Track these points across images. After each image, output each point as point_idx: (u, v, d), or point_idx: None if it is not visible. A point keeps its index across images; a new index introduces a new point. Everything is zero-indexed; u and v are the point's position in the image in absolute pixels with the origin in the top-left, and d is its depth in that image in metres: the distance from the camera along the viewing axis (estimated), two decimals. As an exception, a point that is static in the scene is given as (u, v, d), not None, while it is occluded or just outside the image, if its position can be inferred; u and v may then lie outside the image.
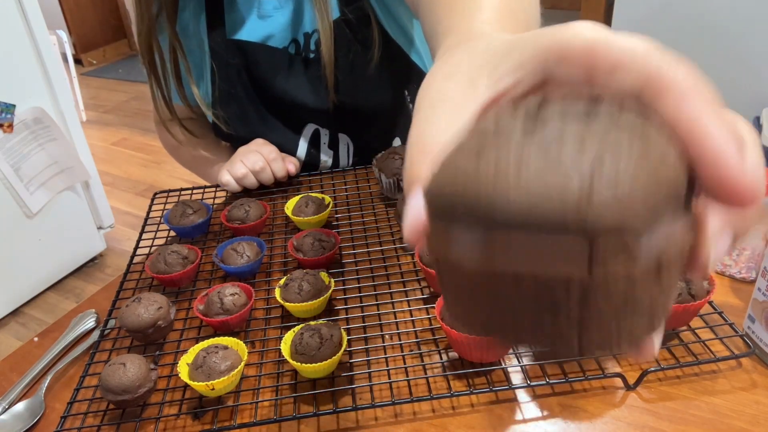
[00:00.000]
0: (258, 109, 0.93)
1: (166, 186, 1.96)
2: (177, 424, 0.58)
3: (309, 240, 0.74)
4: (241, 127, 0.93)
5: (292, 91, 0.89)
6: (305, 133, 0.95)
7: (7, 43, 1.79)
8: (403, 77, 0.93)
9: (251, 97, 0.91)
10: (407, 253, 0.77)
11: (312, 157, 0.97)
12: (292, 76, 0.89)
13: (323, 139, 0.96)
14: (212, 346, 0.59)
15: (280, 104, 0.92)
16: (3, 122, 1.79)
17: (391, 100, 0.93)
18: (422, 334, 0.64)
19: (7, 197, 1.85)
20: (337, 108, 0.90)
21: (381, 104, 0.92)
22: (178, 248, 0.74)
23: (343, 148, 0.98)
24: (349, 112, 0.91)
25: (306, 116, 0.93)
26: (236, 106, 0.92)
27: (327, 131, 0.95)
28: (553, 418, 0.55)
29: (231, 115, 0.92)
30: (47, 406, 0.63)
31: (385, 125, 0.96)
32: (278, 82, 0.89)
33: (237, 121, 0.93)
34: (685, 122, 0.21)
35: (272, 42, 0.89)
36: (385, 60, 0.88)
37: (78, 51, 4.21)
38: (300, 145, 0.96)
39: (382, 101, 0.92)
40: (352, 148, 0.98)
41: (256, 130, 0.94)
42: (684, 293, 0.58)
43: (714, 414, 0.54)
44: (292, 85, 0.89)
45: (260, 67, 0.89)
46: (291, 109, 0.92)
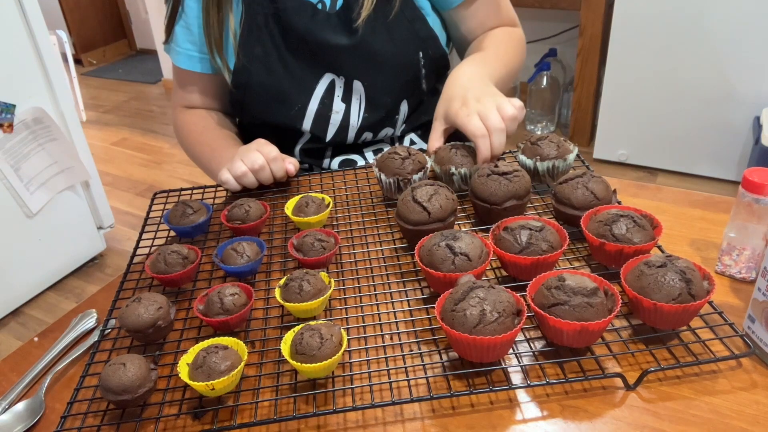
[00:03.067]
0: (281, 53, 0.97)
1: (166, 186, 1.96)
2: (177, 424, 0.58)
3: (309, 240, 0.74)
4: (263, 71, 0.97)
5: (314, 30, 0.95)
6: (322, 82, 0.99)
7: (7, 43, 1.79)
8: (420, 40, 0.98)
9: (276, 41, 0.96)
10: (407, 253, 0.77)
11: (325, 107, 1.00)
12: (316, 21, 0.95)
13: (337, 92, 1.00)
14: (212, 346, 0.59)
15: (302, 48, 0.96)
16: (3, 122, 1.79)
17: (405, 54, 0.98)
18: (422, 334, 0.64)
19: (7, 197, 1.85)
20: (355, 49, 0.95)
21: (395, 54, 0.97)
22: (178, 248, 0.74)
23: (356, 102, 1.00)
24: (367, 55, 0.96)
25: (325, 58, 0.97)
26: (260, 49, 0.96)
27: (342, 81, 0.99)
28: (553, 418, 0.55)
29: (254, 59, 0.96)
30: (47, 406, 0.63)
31: (397, 79, 1.00)
32: (303, 24, 0.94)
33: (259, 65, 0.97)
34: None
35: None
36: (405, 18, 0.96)
37: (78, 51, 4.21)
38: (315, 93, 0.99)
39: (397, 51, 0.97)
40: (363, 105, 1.01)
41: (276, 76, 0.97)
42: (684, 293, 0.58)
43: (714, 414, 0.54)
44: (316, 30, 0.95)
45: (287, 13, 0.94)
46: (312, 54, 0.96)
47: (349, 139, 1.03)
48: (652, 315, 0.59)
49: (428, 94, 1.04)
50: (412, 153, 0.87)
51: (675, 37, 2.16)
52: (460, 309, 0.57)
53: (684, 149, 2.35)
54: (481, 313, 0.56)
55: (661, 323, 0.60)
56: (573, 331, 0.57)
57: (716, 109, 2.21)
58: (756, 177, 0.65)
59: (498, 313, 0.56)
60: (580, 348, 0.60)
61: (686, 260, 0.60)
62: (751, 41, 2.05)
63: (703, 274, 0.61)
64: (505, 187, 0.77)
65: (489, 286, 0.59)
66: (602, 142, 2.50)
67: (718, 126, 2.23)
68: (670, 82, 2.24)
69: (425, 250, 0.68)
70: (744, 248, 0.68)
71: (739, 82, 2.13)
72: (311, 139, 1.03)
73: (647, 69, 2.26)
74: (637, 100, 2.34)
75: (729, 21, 2.05)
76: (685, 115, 2.28)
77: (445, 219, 0.75)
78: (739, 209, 0.67)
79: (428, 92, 1.04)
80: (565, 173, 0.84)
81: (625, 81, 2.33)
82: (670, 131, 2.34)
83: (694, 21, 2.10)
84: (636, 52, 2.25)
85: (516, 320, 0.57)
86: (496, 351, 0.57)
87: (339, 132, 1.02)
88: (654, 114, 2.33)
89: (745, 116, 2.18)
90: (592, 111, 2.57)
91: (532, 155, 0.85)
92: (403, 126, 1.06)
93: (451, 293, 0.60)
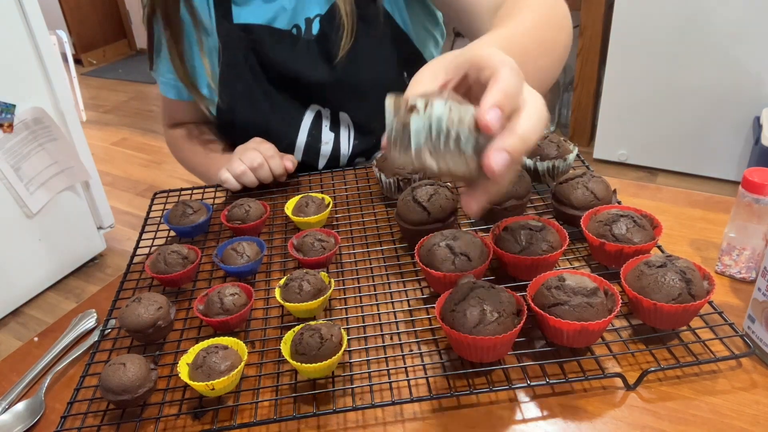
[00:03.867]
0: (264, 88, 0.95)
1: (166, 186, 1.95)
2: (177, 424, 0.58)
3: (309, 240, 0.74)
4: (247, 106, 0.95)
5: (295, 66, 0.92)
6: (308, 114, 0.97)
7: (7, 43, 1.79)
8: (403, 59, 0.95)
9: (257, 76, 0.94)
10: (407, 253, 0.77)
11: (313, 139, 0.98)
12: (295, 54, 0.92)
13: (325, 122, 0.98)
14: (212, 346, 0.59)
15: (284, 81, 0.94)
16: (3, 122, 1.79)
17: (389, 78, 0.94)
18: (422, 334, 0.64)
19: (7, 197, 1.85)
20: (338, 81, 0.92)
21: (380, 80, 0.93)
22: (178, 248, 0.74)
23: (344, 131, 0.99)
24: (349, 86, 0.93)
25: (309, 92, 0.95)
26: (242, 86, 0.94)
27: (328, 111, 0.97)
28: (553, 418, 0.55)
29: (237, 95, 0.94)
30: (47, 406, 0.63)
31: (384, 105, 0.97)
32: (282, 59, 0.92)
33: (243, 101, 0.95)
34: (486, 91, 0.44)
35: (276, 24, 0.93)
36: (387, 40, 0.92)
37: (78, 51, 4.21)
38: (302, 125, 0.97)
39: (381, 78, 0.94)
40: (352, 132, 0.99)
41: (261, 110, 0.95)
42: (684, 293, 0.58)
43: (714, 414, 0.54)
44: (296, 62, 0.92)
45: (265, 47, 0.92)
46: (295, 86, 0.94)
47: (342, 164, 1.01)
48: (652, 315, 0.59)
49: None
50: (412, 153, 0.87)
51: (675, 37, 2.16)
52: (460, 309, 0.57)
53: (684, 149, 2.35)
54: (481, 313, 0.56)
55: (661, 323, 0.60)
56: (573, 331, 0.57)
57: (716, 109, 2.21)
58: (756, 177, 0.65)
59: (498, 313, 0.56)
60: (580, 348, 0.60)
61: (686, 260, 0.60)
62: (751, 41, 2.05)
63: (703, 274, 0.61)
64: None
65: (489, 286, 0.59)
66: (602, 142, 2.49)
67: (718, 126, 2.23)
68: (670, 82, 2.24)
69: (425, 250, 0.68)
70: (744, 248, 0.68)
71: (739, 82, 2.13)
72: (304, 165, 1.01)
73: (647, 69, 2.26)
74: (637, 100, 2.34)
75: (729, 21, 2.05)
76: (685, 115, 2.28)
77: (445, 219, 0.75)
78: (739, 209, 0.67)
79: None
80: (565, 173, 0.84)
81: (625, 81, 2.33)
82: (670, 131, 2.34)
83: (694, 21, 2.10)
84: (636, 52, 2.25)
85: (516, 320, 0.57)
86: (496, 351, 0.57)
87: (331, 161, 1.00)
88: (654, 114, 2.33)
89: (745, 116, 2.17)
90: (592, 111, 2.57)
91: (532, 155, 0.85)
92: None
93: (451, 293, 0.59)
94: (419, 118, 0.45)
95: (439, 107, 0.44)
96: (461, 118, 0.44)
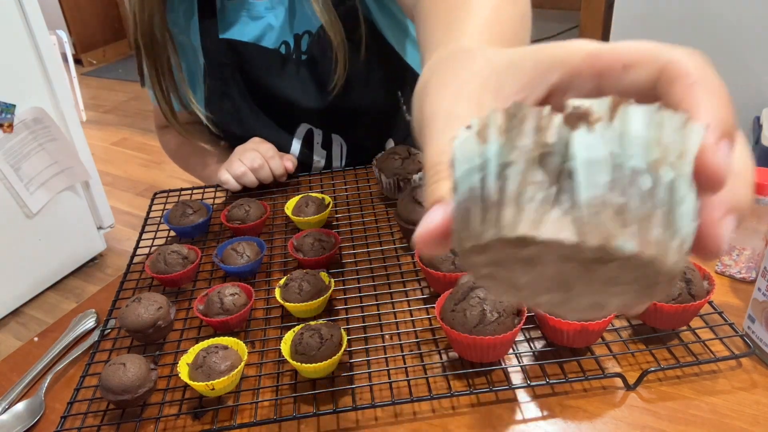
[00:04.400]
0: (251, 107, 0.93)
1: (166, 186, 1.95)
2: (177, 424, 0.58)
3: (309, 240, 0.74)
4: (236, 125, 0.94)
5: (284, 89, 0.90)
6: (298, 132, 0.95)
7: (7, 43, 1.79)
8: (397, 79, 0.93)
9: (244, 95, 0.92)
10: (407, 253, 0.77)
11: (305, 157, 0.97)
12: (284, 75, 0.90)
13: (316, 139, 0.96)
14: (212, 346, 0.59)
15: (273, 103, 0.92)
16: (3, 122, 1.79)
17: (383, 100, 0.93)
18: (422, 334, 0.64)
19: (7, 197, 1.85)
20: (330, 107, 0.90)
21: (373, 104, 0.92)
22: (178, 248, 0.74)
23: (336, 148, 0.98)
24: (342, 112, 0.92)
25: (299, 115, 0.94)
26: (230, 104, 0.92)
27: (320, 131, 0.96)
28: (553, 418, 0.55)
29: (225, 113, 0.93)
30: (47, 406, 0.63)
31: (378, 126, 0.97)
32: (271, 80, 0.90)
33: (231, 120, 0.93)
34: (689, 106, 0.21)
35: (264, 42, 0.90)
36: (379, 61, 0.89)
37: (78, 51, 4.21)
38: (293, 145, 0.96)
39: (375, 101, 0.92)
40: (345, 149, 0.98)
41: (249, 129, 0.94)
42: (684, 293, 0.58)
43: (714, 414, 0.54)
44: (285, 84, 0.90)
45: (253, 66, 0.90)
46: (284, 108, 0.92)
47: None
48: (652, 315, 0.59)
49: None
50: (412, 153, 0.87)
51: (675, 37, 2.16)
52: (460, 309, 0.57)
53: (684, 149, 2.35)
54: (481, 313, 0.56)
55: (661, 323, 0.60)
56: (573, 331, 0.57)
57: (716, 109, 2.21)
58: (756, 177, 0.65)
59: (498, 313, 0.56)
60: (580, 348, 0.60)
61: (686, 260, 0.60)
62: (751, 41, 2.05)
63: (703, 274, 0.61)
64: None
65: (489, 286, 0.59)
66: (602, 142, 2.50)
67: (718, 126, 2.23)
68: (670, 82, 2.25)
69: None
70: (744, 248, 0.68)
71: (739, 82, 2.13)
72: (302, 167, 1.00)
73: (647, 69, 2.26)
74: (637, 100, 2.34)
75: (729, 21, 2.05)
76: (685, 115, 2.28)
77: (445, 219, 0.75)
78: (739, 209, 0.67)
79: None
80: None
81: (625, 81, 2.33)
82: (670, 131, 2.34)
83: (694, 21, 2.10)
84: (636, 52, 2.25)
85: (516, 320, 0.57)
86: (496, 351, 0.57)
87: None
88: (654, 114, 2.34)
89: (745, 116, 2.18)
90: (592, 111, 2.57)
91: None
92: None
93: (451, 293, 0.59)
94: (596, 135, 0.19)
95: (639, 117, 0.20)
96: (683, 151, 0.20)
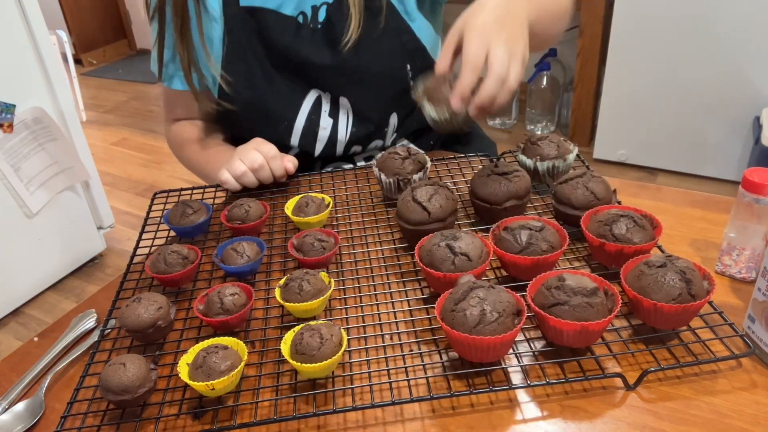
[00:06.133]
0: (266, 71, 0.96)
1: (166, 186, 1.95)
2: (177, 424, 0.58)
3: (309, 240, 0.74)
4: (248, 89, 0.96)
5: (298, 50, 0.93)
6: (308, 98, 0.98)
7: (7, 43, 1.79)
8: (407, 52, 0.96)
9: (260, 59, 0.95)
10: (407, 254, 0.77)
11: (312, 123, 0.99)
12: (299, 38, 0.93)
13: (324, 107, 0.99)
14: (212, 346, 0.59)
15: (286, 64, 0.95)
16: (3, 122, 1.79)
17: (392, 68, 0.96)
18: (422, 334, 0.64)
19: (7, 197, 1.85)
20: (341, 65, 0.93)
21: (382, 70, 0.95)
22: (178, 248, 0.74)
23: (343, 117, 0.99)
24: (352, 72, 0.95)
25: (310, 76, 0.96)
26: (245, 67, 0.95)
27: (329, 97, 0.98)
28: (553, 418, 0.55)
29: (239, 77, 0.95)
30: (47, 406, 0.63)
31: (384, 94, 0.99)
32: (286, 42, 0.93)
33: (244, 83, 0.96)
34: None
35: (283, 10, 0.93)
36: (392, 32, 0.93)
37: (78, 51, 4.21)
38: (302, 109, 0.98)
39: (383, 67, 0.95)
40: (350, 119, 1.00)
41: (261, 93, 0.96)
42: (684, 293, 0.58)
43: (714, 414, 0.54)
44: (300, 46, 0.93)
45: (270, 30, 0.93)
46: (296, 70, 0.95)
47: (338, 152, 1.02)
48: (652, 315, 0.59)
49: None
50: (412, 153, 0.87)
51: (675, 37, 2.16)
52: (460, 309, 0.57)
53: (684, 149, 2.34)
54: (481, 313, 0.56)
55: (661, 323, 0.60)
56: (573, 331, 0.57)
57: (716, 109, 2.21)
58: (756, 177, 0.65)
59: (498, 313, 0.56)
60: (580, 348, 0.60)
61: (686, 260, 0.60)
62: (751, 41, 2.05)
63: (703, 274, 0.61)
64: (505, 187, 0.77)
65: (489, 286, 0.59)
66: (602, 142, 2.49)
67: (718, 126, 2.23)
68: (670, 82, 2.24)
69: (425, 250, 0.68)
70: (744, 248, 0.68)
71: (739, 82, 2.13)
72: (300, 153, 1.02)
73: (647, 69, 2.26)
74: (637, 100, 2.34)
75: (729, 21, 2.05)
76: (685, 115, 2.28)
77: (445, 219, 0.75)
78: (739, 209, 0.67)
79: None
80: (565, 173, 0.84)
81: (625, 81, 2.32)
82: (670, 131, 2.34)
83: (694, 21, 2.10)
84: (636, 52, 2.25)
85: (516, 320, 0.57)
86: (496, 351, 0.57)
87: (327, 147, 1.01)
88: (654, 114, 2.33)
89: (745, 116, 2.17)
90: (592, 111, 2.57)
91: (532, 155, 0.85)
92: (393, 136, 1.04)
93: (451, 293, 0.59)
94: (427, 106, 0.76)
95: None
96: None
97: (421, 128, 1.06)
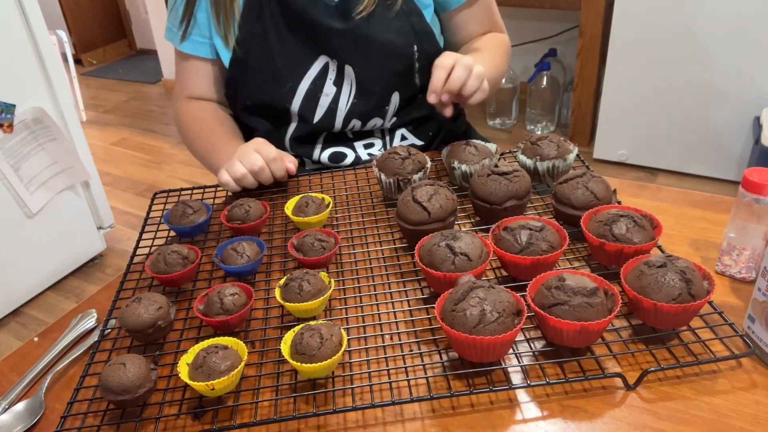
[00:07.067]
0: (279, 32, 0.99)
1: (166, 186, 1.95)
2: (177, 424, 0.58)
3: (309, 240, 0.74)
4: (260, 47, 0.99)
5: (313, 11, 0.97)
6: (316, 64, 1.01)
7: (7, 43, 1.79)
8: (415, 34, 1.00)
9: (275, 20, 0.99)
10: (407, 254, 0.77)
11: (315, 88, 1.01)
12: (315, 4, 0.97)
13: (330, 75, 1.01)
14: (212, 346, 0.59)
15: (299, 26, 0.98)
16: (3, 122, 1.79)
17: (400, 44, 0.99)
18: (422, 334, 0.64)
19: (7, 197, 1.85)
20: (351, 30, 0.97)
21: (390, 43, 0.99)
22: (178, 248, 0.74)
23: (346, 87, 1.01)
24: (361, 39, 0.98)
25: (321, 39, 0.99)
26: (260, 27, 0.99)
27: (335, 65, 1.00)
28: (553, 418, 0.55)
29: (253, 35, 0.99)
30: (47, 406, 0.63)
31: (388, 69, 1.02)
32: (301, 5, 0.97)
33: (257, 42, 0.99)
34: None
35: None
36: (403, 12, 0.99)
37: (78, 51, 4.21)
38: (308, 73, 1.01)
39: (392, 41, 0.99)
40: (354, 90, 1.02)
41: (272, 52, 1.00)
42: (684, 293, 0.58)
43: (714, 414, 0.54)
44: (314, 10, 0.97)
45: None
46: (309, 35, 0.99)
47: (337, 124, 1.03)
48: (652, 315, 0.59)
49: (421, 89, 1.04)
50: (412, 153, 0.87)
51: (675, 37, 2.16)
52: (460, 309, 0.57)
53: (684, 149, 2.34)
54: (481, 313, 0.56)
55: (661, 323, 0.60)
56: (573, 331, 0.57)
57: (716, 109, 2.21)
58: (756, 177, 0.65)
59: (498, 313, 0.56)
60: (580, 348, 0.60)
61: (686, 260, 0.60)
62: (751, 41, 2.05)
63: (703, 274, 0.61)
64: (505, 187, 0.77)
65: (489, 286, 0.59)
66: (602, 142, 2.49)
67: (718, 126, 2.23)
68: (670, 82, 2.24)
69: (425, 250, 0.68)
70: (744, 248, 0.68)
71: (739, 82, 2.13)
72: (300, 124, 1.03)
73: (647, 69, 2.26)
74: (637, 100, 2.34)
75: (729, 21, 2.05)
76: (685, 115, 2.28)
77: (445, 219, 0.75)
78: (739, 209, 0.67)
79: (421, 88, 1.03)
80: (565, 173, 0.84)
81: (625, 81, 2.32)
82: (670, 131, 2.34)
83: (694, 21, 2.10)
84: (636, 52, 2.25)
85: (516, 320, 0.57)
86: (496, 351, 0.57)
87: (327, 115, 1.02)
88: (654, 114, 2.33)
89: (745, 116, 2.17)
90: (592, 111, 2.57)
91: (532, 155, 0.85)
92: (393, 119, 1.05)
93: (451, 293, 0.60)
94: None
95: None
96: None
97: (421, 117, 1.07)
